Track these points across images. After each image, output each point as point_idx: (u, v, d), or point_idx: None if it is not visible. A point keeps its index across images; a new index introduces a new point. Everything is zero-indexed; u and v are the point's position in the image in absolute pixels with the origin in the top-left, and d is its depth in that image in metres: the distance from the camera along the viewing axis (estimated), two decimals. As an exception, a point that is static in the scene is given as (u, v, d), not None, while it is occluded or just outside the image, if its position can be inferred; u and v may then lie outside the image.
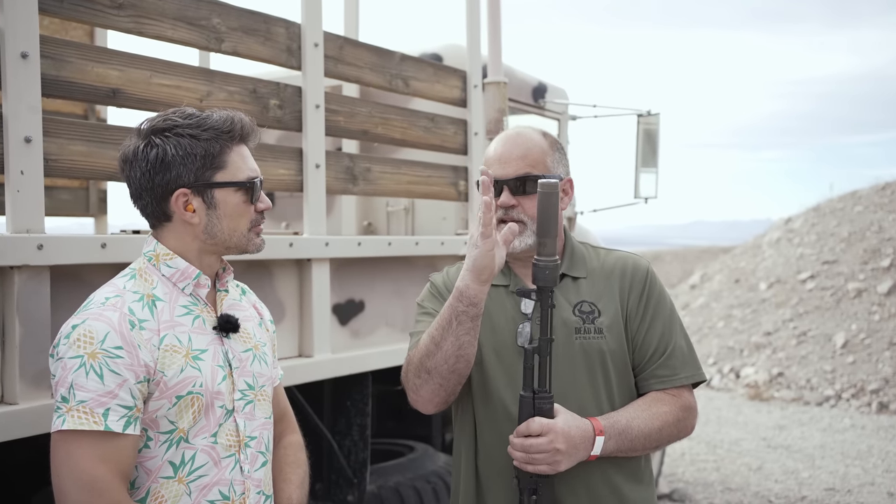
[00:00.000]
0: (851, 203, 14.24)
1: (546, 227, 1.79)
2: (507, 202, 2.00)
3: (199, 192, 1.75)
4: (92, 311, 1.65)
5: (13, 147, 2.07)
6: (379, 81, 3.36)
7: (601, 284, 2.08)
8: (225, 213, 1.77)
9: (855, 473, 6.85)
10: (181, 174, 1.73)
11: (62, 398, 1.59)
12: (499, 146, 2.08)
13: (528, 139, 2.07)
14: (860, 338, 10.50)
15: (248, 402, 1.82)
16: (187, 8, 2.56)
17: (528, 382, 1.84)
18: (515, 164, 2.02)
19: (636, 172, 5.55)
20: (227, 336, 1.81)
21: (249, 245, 1.83)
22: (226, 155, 1.76)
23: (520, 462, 1.84)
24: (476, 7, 3.87)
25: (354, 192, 3.28)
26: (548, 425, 1.82)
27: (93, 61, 2.30)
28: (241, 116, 1.80)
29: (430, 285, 2.21)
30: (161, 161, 1.72)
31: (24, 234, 2.07)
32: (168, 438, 1.69)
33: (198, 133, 1.73)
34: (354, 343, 3.24)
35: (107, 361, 1.59)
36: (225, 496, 1.74)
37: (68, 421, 1.57)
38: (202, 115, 1.77)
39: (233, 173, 1.77)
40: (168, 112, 1.79)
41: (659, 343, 2.04)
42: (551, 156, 2.06)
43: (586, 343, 2.00)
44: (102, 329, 1.61)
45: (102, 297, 1.69)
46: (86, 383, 1.58)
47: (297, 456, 2.04)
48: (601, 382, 2.00)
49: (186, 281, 1.77)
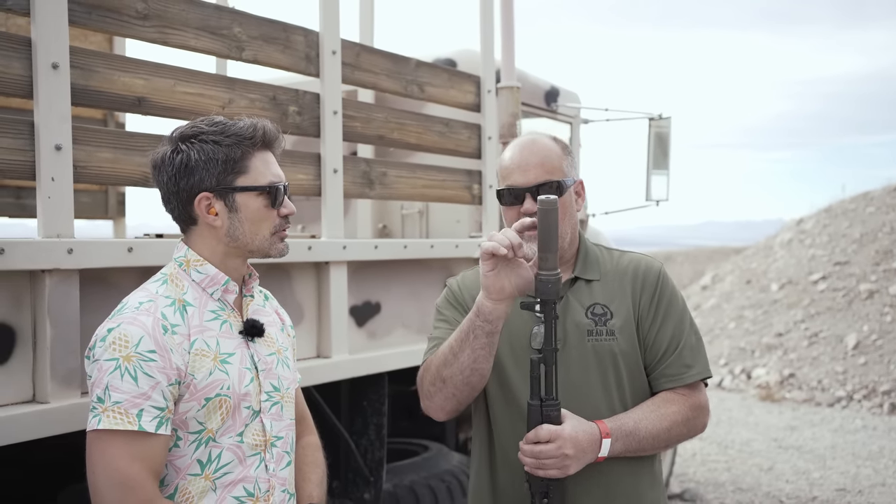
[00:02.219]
0: (863, 204, 14.22)
1: (547, 242, 1.83)
2: (531, 209, 2.03)
3: (220, 196, 1.80)
4: (126, 316, 1.71)
5: (44, 155, 2.14)
6: (395, 87, 3.42)
7: (614, 286, 2.12)
8: (246, 217, 1.82)
9: (866, 474, 6.86)
10: (203, 178, 1.79)
11: (98, 399, 1.66)
12: (516, 154, 2.11)
13: (544, 146, 2.11)
14: (872, 339, 10.49)
15: (274, 403, 1.88)
16: (209, 18, 2.63)
17: (535, 391, 1.89)
18: (535, 172, 2.06)
19: (647, 175, 5.60)
20: (253, 340, 1.87)
21: (272, 249, 1.88)
22: (248, 160, 1.82)
23: (530, 468, 1.89)
24: (489, 13, 3.93)
25: (371, 196, 3.34)
26: (556, 432, 1.87)
27: (119, 71, 2.37)
28: (266, 123, 1.85)
29: (446, 290, 2.26)
30: (185, 166, 1.79)
31: (54, 239, 2.14)
32: (197, 438, 1.75)
33: (220, 139, 1.79)
34: (371, 344, 3.30)
35: (141, 364, 1.66)
36: (250, 493, 1.81)
37: (104, 421, 1.63)
38: (228, 122, 1.83)
39: (254, 178, 1.82)
40: (197, 120, 1.85)
41: (669, 343, 2.08)
42: (566, 160, 2.11)
43: (598, 345, 2.04)
44: (137, 333, 1.68)
45: (136, 301, 1.75)
46: (121, 385, 1.64)
47: (316, 456, 2.10)
48: (613, 383, 2.05)
49: (215, 287, 1.83)
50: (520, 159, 2.09)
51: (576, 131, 5.42)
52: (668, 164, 5.58)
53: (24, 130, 2.14)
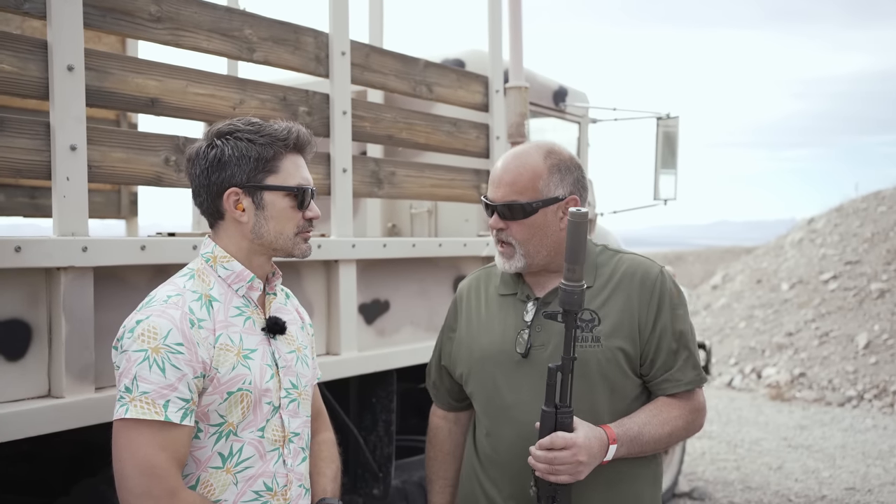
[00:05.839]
0: (875, 203, 14.17)
1: (575, 254, 1.86)
2: (495, 225, 2.11)
3: (249, 193, 1.85)
4: (155, 308, 1.75)
5: (60, 155, 2.19)
6: (404, 88, 3.45)
7: (608, 292, 2.13)
8: (272, 216, 1.86)
9: (876, 473, 6.85)
10: (234, 174, 1.83)
11: (125, 388, 1.70)
12: (498, 167, 2.15)
13: (524, 164, 2.10)
14: (883, 338, 10.46)
15: (292, 399, 1.92)
16: (221, 20, 2.67)
17: (550, 398, 1.93)
18: (504, 190, 2.09)
19: (656, 174, 5.62)
20: (275, 337, 1.91)
21: (295, 249, 1.92)
22: (279, 161, 1.87)
23: (542, 473, 1.93)
24: (497, 13, 3.96)
25: (380, 195, 3.38)
26: (571, 440, 1.91)
27: (133, 72, 2.42)
28: (300, 128, 1.91)
29: (456, 293, 2.36)
30: (218, 160, 1.84)
31: (69, 237, 2.19)
32: (217, 431, 1.79)
33: (255, 137, 1.85)
34: (380, 341, 3.34)
35: (168, 356, 1.70)
36: (269, 487, 1.85)
37: (131, 410, 1.67)
38: (264, 123, 1.89)
39: (284, 178, 1.87)
40: (235, 119, 1.90)
41: (669, 349, 2.10)
42: (546, 179, 2.08)
43: (582, 351, 2.05)
44: (165, 326, 1.72)
45: (165, 295, 1.80)
46: (149, 376, 1.68)
47: (331, 452, 2.14)
48: (597, 388, 2.08)
49: (241, 283, 1.88)
50: (497, 174, 2.13)
51: (584, 131, 5.44)
52: (676, 164, 5.60)
53: (40, 131, 2.18)
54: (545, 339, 2.08)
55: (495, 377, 2.13)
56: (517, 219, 2.07)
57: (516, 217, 2.07)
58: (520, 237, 2.08)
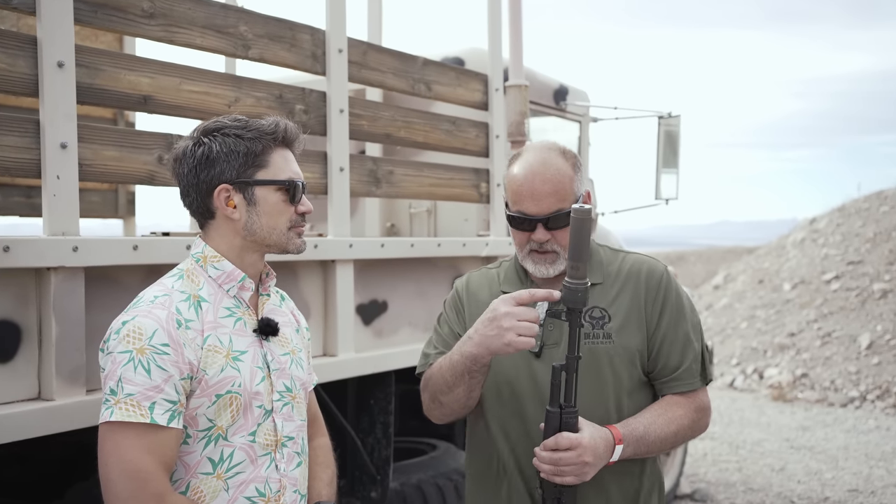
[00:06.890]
0: (877, 203, 14.13)
1: (579, 251, 1.83)
2: (542, 238, 2.04)
3: (240, 189, 1.82)
4: (141, 309, 1.72)
5: (50, 153, 2.15)
6: (402, 86, 3.42)
7: (616, 289, 2.12)
8: (264, 211, 1.83)
9: (879, 475, 6.81)
10: (224, 170, 1.80)
11: (111, 391, 1.66)
12: (528, 180, 2.05)
13: (557, 171, 2.05)
14: (885, 339, 10.42)
15: (285, 403, 1.88)
16: (216, 16, 2.63)
17: (555, 398, 1.90)
18: (548, 202, 2.02)
19: (657, 174, 5.58)
20: (267, 339, 1.87)
21: (289, 244, 1.89)
22: (268, 155, 1.84)
23: (547, 474, 1.90)
24: (497, 11, 3.92)
25: (378, 194, 3.34)
26: (576, 440, 1.87)
27: (125, 69, 2.38)
28: (288, 122, 1.88)
29: (452, 291, 2.30)
30: (206, 158, 1.81)
31: (60, 237, 2.15)
32: (206, 435, 1.75)
33: (242, 133, 1.82)
34: (378, 343, 3.30)
35: (154, 357, 1.66)
36: (261, 493, 1.81)
37: (116, 413, 1.64)
38: (251, 119, 1.86)
39: (274, 173, 1.84)
40: (221, 117, 1.88)
41: (673, 348, 2.09)
42: (575, 179, 2.07)
43: (594, 347, 2.04)
44: (151, 326, 1.68)
45: (151, 295, 1.76)
46: (134, 377, 1.65)
47: (327, 457, 2.12)
48: (609, 386, 2.05)
49: (231, 283, 1.84)
50: (531, 187, 2.04)
51: (585, 130, 5.41)
52: (677, 163, 5.57)
53: (30, 129, 2.15)
54: (557, 337, 2.05)
55: (508, 377, 2.10)
56: (563, 226, 2.02)
57: (562, 225, 2.03)
58: (564, 242, 2.03)
